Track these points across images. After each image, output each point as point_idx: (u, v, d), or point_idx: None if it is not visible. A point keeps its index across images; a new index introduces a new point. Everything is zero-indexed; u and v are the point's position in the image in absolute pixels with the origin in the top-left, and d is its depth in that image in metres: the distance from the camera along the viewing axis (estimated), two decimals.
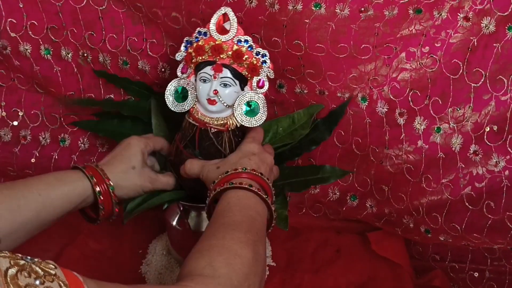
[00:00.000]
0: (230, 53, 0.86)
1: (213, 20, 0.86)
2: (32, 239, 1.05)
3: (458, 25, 0.88)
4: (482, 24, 0.86)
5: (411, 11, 0.88)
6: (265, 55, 0.88)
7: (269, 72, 0.89)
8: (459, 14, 0.87)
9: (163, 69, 1.05)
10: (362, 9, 0.88)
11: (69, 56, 1.04)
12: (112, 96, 1.09)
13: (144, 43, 1.00)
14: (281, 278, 1.04)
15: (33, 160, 1.11)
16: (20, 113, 1.09)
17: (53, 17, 0.99)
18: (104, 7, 0.98)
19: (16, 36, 1.00)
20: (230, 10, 0.86)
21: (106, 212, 0.84)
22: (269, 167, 0.84)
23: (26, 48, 1.01)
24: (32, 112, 1.09)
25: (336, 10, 0.88)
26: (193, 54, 0.87)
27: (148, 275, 1.03)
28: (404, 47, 0.92)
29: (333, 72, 0.96)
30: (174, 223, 0.99)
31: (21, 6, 0.98)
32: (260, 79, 0.89)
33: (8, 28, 0.99)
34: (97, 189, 0.81)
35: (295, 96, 1.02)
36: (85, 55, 1.04)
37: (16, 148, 1.11)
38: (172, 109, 0.92)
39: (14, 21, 0.99)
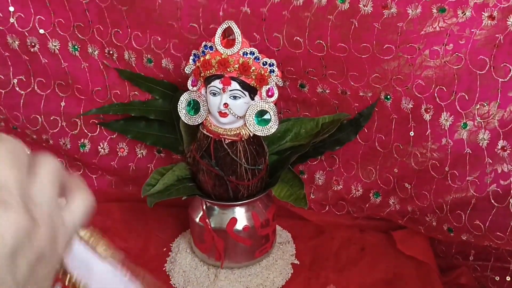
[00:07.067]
0: (236, 66, 0.86)
1: (218, 34, 0.87)
2: None
3: (483, 24, 0.87)
4: (508, 22, 0.86)
5: (434, 10, 0.88)
6: (273, 64, 0.88)
7: (278, 81, 0.89)
8: (484, 13, 0.87)
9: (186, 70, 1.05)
10: (385, 5, 0.88)
11: (96, 53, 1.05)
12: (137, 93, 1.10)
13: (168, 42, 1.01)
14: (306, 276, 1.03)
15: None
16: (40, 119, 1.09)
17: (79, 15, 1.01)
18: (127, 7, 0.98)
19: (45, 33, 1.01)
20: (234, 23, 0.86)
21: None
22: None
23: (55, 44, 1.03)
24: (51, 118, 1.10)
25: (360, 5, 0.88)
26: (201, 68, 0.88)
27: (172, 273, 1.03)
28: (428, 45, 0.91)
29: (355, 72, 0.96)
30: (198, 219, 1.00)
31: (48, 4, 1.00)
32: (269, 88, 0.89)
33: (37, 25, 1.01)
34: None
35: (317, 96, 1.03)
36: (111, 52, 1.05)
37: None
38: (185, 122, 0.93)
39: (43, 18, 1.00)
